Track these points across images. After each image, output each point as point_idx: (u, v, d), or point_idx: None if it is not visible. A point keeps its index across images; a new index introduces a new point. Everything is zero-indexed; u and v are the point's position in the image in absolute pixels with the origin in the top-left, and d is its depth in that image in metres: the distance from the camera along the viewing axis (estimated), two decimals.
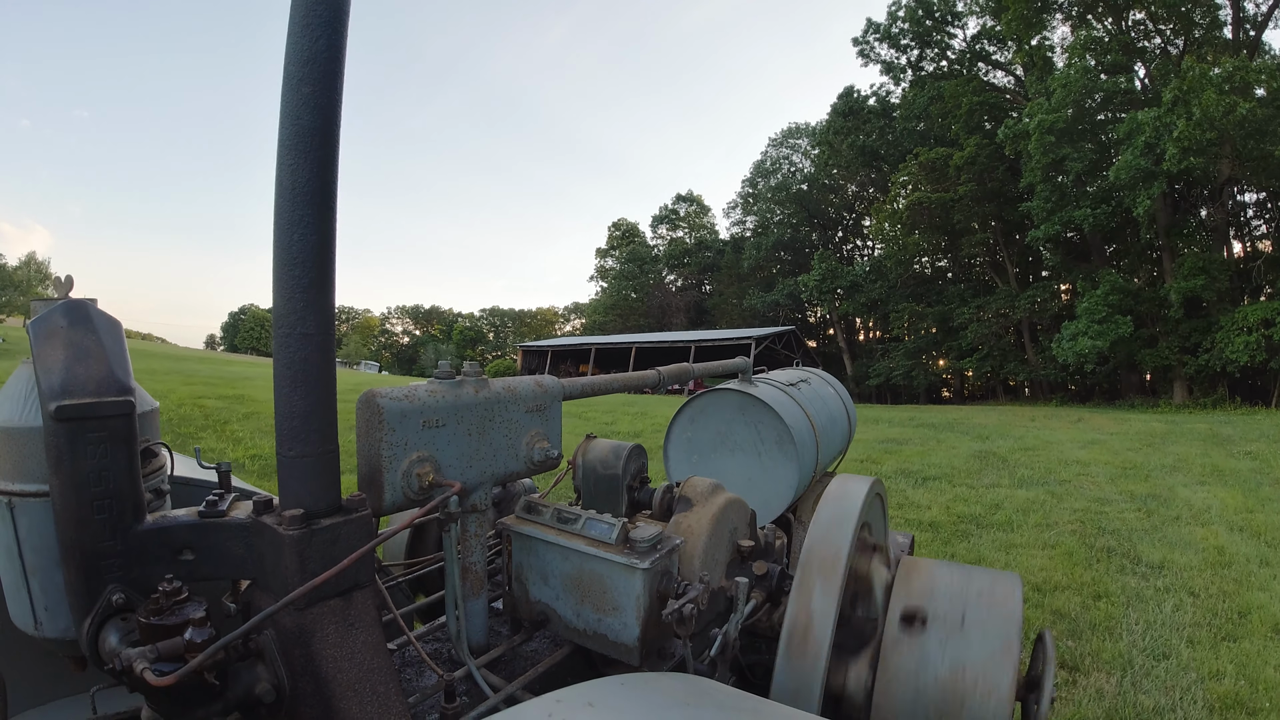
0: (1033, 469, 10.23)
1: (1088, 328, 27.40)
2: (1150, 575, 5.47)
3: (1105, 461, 10.94)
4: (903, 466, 10.33)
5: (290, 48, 1.06)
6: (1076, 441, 13.69)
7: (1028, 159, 30.09)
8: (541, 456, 1.64)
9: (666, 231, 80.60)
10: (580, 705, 0.94)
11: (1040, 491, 8.53)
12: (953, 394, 47.39)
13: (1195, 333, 27.68)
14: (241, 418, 12.27)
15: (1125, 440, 13.93)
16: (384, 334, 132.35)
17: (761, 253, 57.48)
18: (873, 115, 47.52)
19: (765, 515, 3.19)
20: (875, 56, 42.75)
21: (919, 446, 12.82)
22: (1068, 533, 6.59)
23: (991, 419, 19.57)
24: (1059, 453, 12.04)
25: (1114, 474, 9.86)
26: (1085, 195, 29.79)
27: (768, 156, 63.55)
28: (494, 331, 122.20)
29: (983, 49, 39.12)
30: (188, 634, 1.03)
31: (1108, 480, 9.40)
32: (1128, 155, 25.24)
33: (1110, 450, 12.35)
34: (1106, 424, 18.02)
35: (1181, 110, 22.71)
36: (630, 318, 73.54)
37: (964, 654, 1.65)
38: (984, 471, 10.07)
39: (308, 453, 1.18)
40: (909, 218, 38.48)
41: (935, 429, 16.06)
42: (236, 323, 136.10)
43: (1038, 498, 8.15)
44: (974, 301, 39.05)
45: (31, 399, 1.17)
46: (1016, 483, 9.18)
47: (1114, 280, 28.80)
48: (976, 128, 36.22)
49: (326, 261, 1.14)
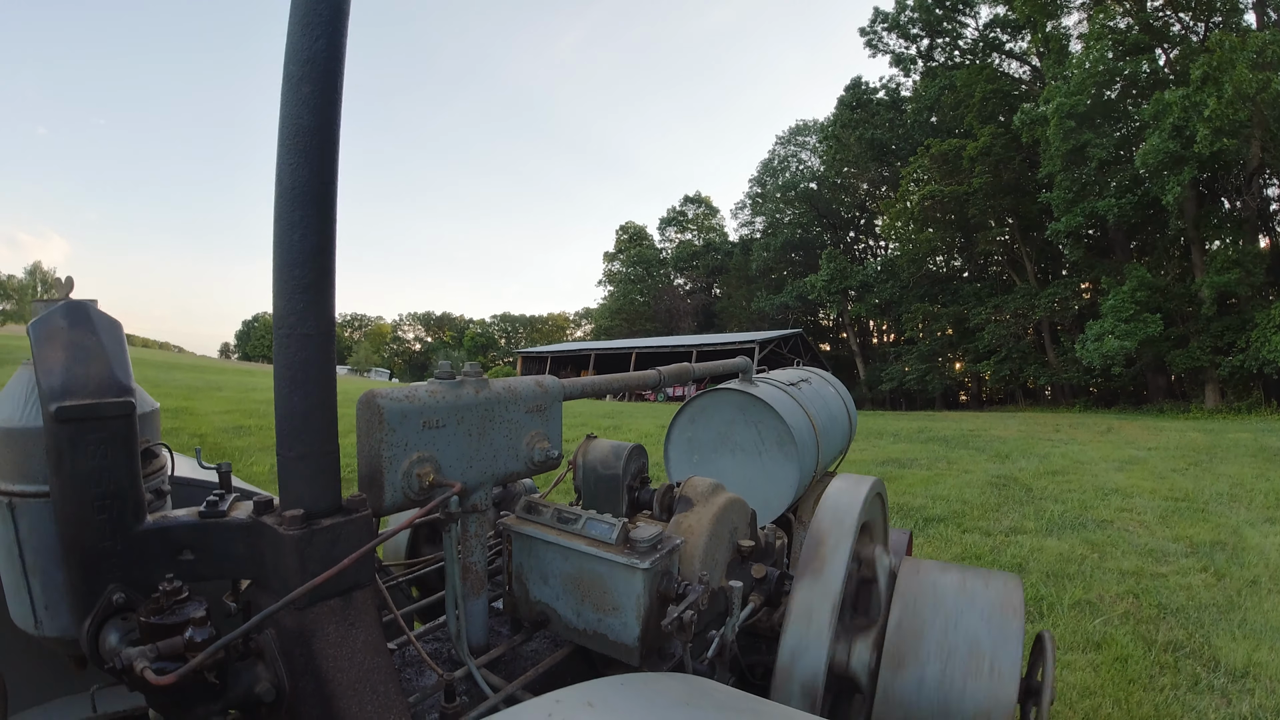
0: (1064, 503, 8.67)
1: (1114, 327, 26.57)
2: (1235, 693, 4.05)
3: (1149, 489, 9.49)
4: (902, 500, 8.86)
5: (290, 48, 1.11)
6: (1111, 460, 12.31)
7: (1046, 146, 29.28)
8: (542, 457, 1.68)
9: (675, 234, 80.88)
10: (580, 705, 0.97)
11: (1076, 541, 7.02)
12: (970, 398, 47.07)
13: (1228, 331, 26.71)
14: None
15: (1166, 457, 12.67)
16: (396, 341, 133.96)
17: (770, 254, 57.43)
18: (881, 108, 47.35)
19: (766, 515, 3.24)
20: (884, 47, 42.64)
21: (925, 470, 11.32)
22: (1118, 618, 5.06)
23: (1011, 430, 18.49)
24: (1093, 477, 10.54)
25: (1163, 509, 8.37)
26: (1109, 185, 28.92)
27: (775, 155, 63.73)
28: (505, 337, 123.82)
29: (995, 38, 38.91)
30: (188, 633, 1.07)
31: (1158, 520, 7.88)
32: (1155, 138, 24.38)
33: (1152, 472, 10.93)
34: (1139, 434, 17.07)
35: (1212, 88, 21.94)
36: (637, 322, 73.62)
37: (964, 654, 1.70)
38: (1003, 508, 8.55)
39: (308, 453, 1.22)
40: (921, 213, 38.05)
41: (947, 444, 14.82)
42: (249, 330, 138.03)
43: (1073, 551, 6.66)
44: (991, 301, 38.46)
45: (32, 400, 1.21)
46: (1044, 526, 7.62)
47: (1142, 275, 27.85)
48: (991, 117, 35.55)
49: (326, 262, 1.19)
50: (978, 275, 44.15)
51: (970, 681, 1.66)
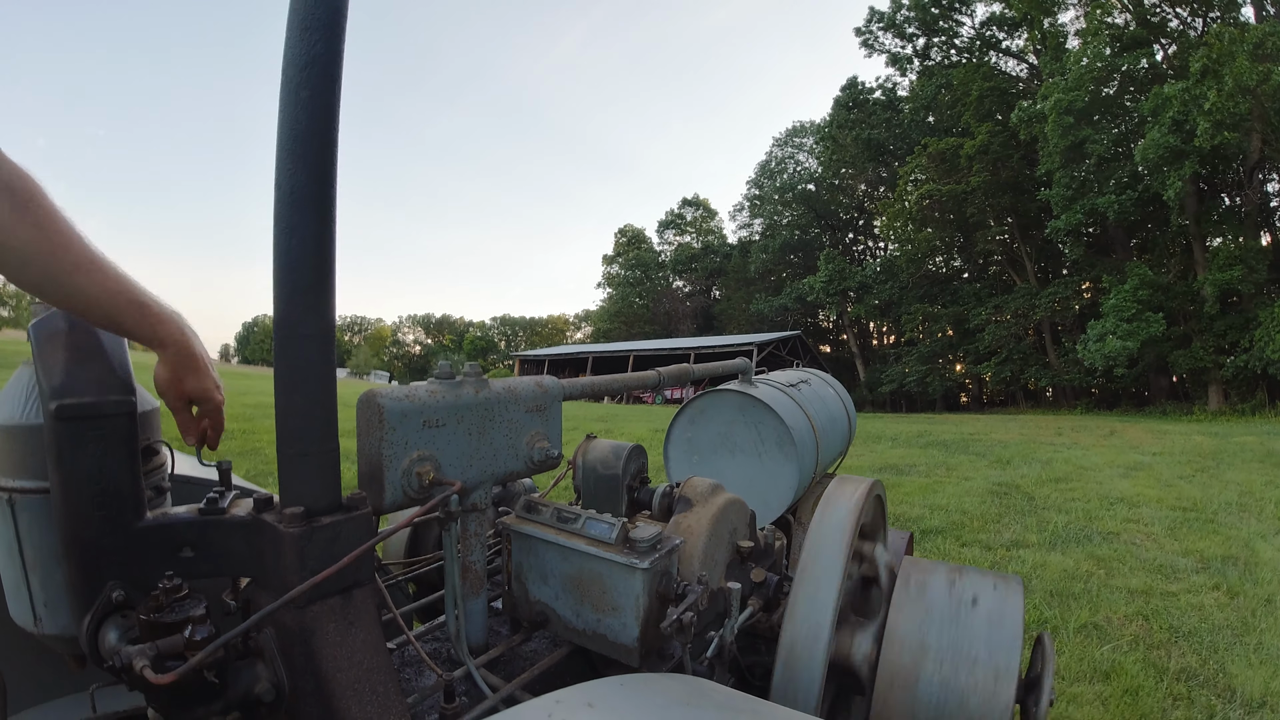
0: (1068, 513, 8.45)
1: (1116, 327, 26.40)
2: None
3: (1156, 498, 9.28)
4: (899, 510, 8.68)
5: (288, 51, 1.13)
6: (1115, 466, 12.03)
7: (1045, 143, 29.18)
8: (542, 456, 1.70)
9: (674, 236, 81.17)
10: (579, 705, 0.98)
11: (1080, 556, 6.75)
12: (971, 400, 47.10)
13: (1231, 330, 26.48)
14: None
15: (1172, 463, 12.39)
16: (395, 344, 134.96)
17: (769, 256, 57.54)
18: (878, 108, 47.47)
19: (765, 516, 3.27)
20: (880, 47, 42.77)
21: (924, 477, 11.04)
22: (1127, 643, 4.86)
23: (1013, 433, 18.28)
24: (1097, 484, 10.27)
25: (1172, 520, 8.12)
26: (1108, 181, 28.77)
27: (772, 156, 63.94)
28: (505, 340, 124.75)
29: (992, 36, 38.98)
30: (187, 631, 1.08)
31: (1166, 532, 7.60)
32: (1155, 133, 24.26)
33: (1158, 480, 10.70)
34: (1143, 438, 16.75)
35: (1211, 81, 21.91)
36: (635, 325, 73.80)
37: (964, 654, 1.71)
38: (1004, 518, 8.33)
39: (308, 451, 1.23)
40: (919, 212, 38.06)
41: (946, 449, 14.55)
42: (249, 334, 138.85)
43: (1078, 567, 6.39)
44: (991, 301, 38.49)
45: (32, 398, 1.23)
46: (1048, 539, 7.33)
47: (1143, 274, 27.64)
48: (988, 115, 35.52)
49: (325, 264, 1.20)
50: (977, 275, 44.20)
51: (970, 681, 1.68)
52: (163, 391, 1.33)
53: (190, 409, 1.37)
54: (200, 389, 1.35)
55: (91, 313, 1.18)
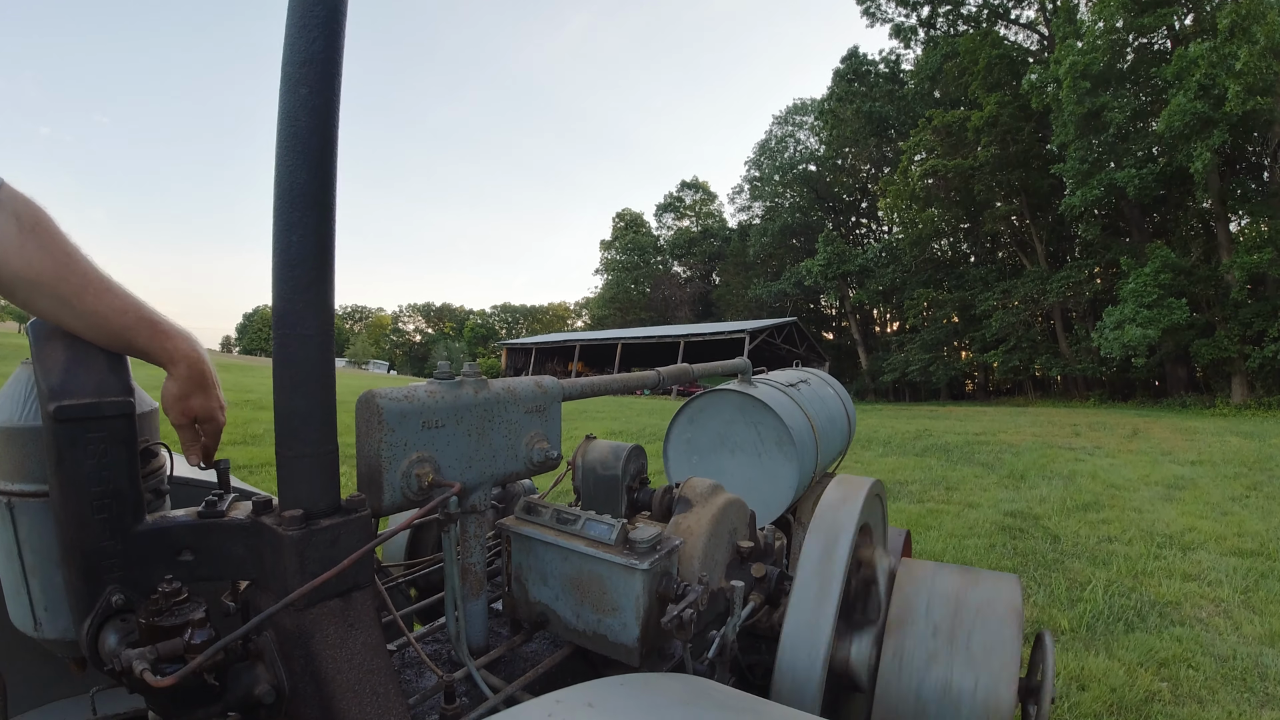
0: (1106, 565, 6.30)
1: (1135, 313, 25.15)
2: None
3: (1213, 534, 7.31)
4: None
5: (287, 49, 1.16)
6: (1152, 484, 10.19)
7: (1058, 112, 27.67)
8: (541, 457, 1.75)
9: (672, 220, 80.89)
10: (580, 705, 1.01)
11: (1133, 656, 4.39)
12: (976, 389, 46.84)
13: (1258, 318, 25.26)
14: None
15: (1217, 477, 10.63)
16: (396, 332, 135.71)
17: (769, 239, 57.04)
18: (881, 80, 46.64)
19: (765, 516, 3.36)
20: (882, 16, 41.70)
21: (916, 503, 9.09)
22: None
23: (1024, 433, 17.00)
24: (1136, 513, 8.35)
25: (1242, 575, 5.98)
26: (1127, 154, 27.21)
27: (772, 135, 63.31)
28: (506, 328, 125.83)
29: (1001, 5, 37.84)
30: (187, 635, 1.13)
31: (1239, 599, 5.42)
32: (1180, 98, 22.84)
33: (1208, 504, 8.83)
34: (1172, 439, 15.44)
35: (1241, 39, 20.79)
36: (631, 311, 73.63)
37: (964, 655, 1.79)
38: (1020, 577, 4.53)
39: (307, 453, 1.27)
40: (924, 191, 36.64)
41: (948, 457, 12.97)
42: (249, 324, 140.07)
43: (1136, 682, 4.05)
44: (999, 286, 37.42)
45: (31, 399, 1.26)
46: (1084, 620, 5.01)
47: (1165, 256, 26.14)
48: (997, 85, 34.02)
49: (325, 263, 1.24)
50: (984, 259, 43.68)
51: (970, 681, 1.75)
52: (168, 408, 1.38)
53: (193, 426, 1.42)
54: (206, 409, 1.41)
55: (103, 333, 1.23)
